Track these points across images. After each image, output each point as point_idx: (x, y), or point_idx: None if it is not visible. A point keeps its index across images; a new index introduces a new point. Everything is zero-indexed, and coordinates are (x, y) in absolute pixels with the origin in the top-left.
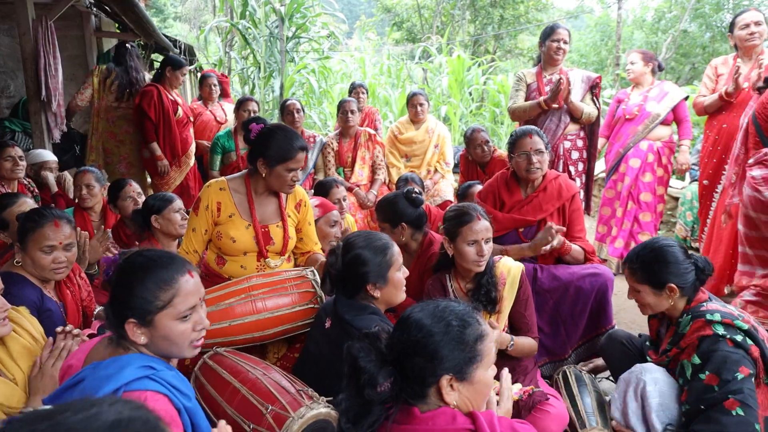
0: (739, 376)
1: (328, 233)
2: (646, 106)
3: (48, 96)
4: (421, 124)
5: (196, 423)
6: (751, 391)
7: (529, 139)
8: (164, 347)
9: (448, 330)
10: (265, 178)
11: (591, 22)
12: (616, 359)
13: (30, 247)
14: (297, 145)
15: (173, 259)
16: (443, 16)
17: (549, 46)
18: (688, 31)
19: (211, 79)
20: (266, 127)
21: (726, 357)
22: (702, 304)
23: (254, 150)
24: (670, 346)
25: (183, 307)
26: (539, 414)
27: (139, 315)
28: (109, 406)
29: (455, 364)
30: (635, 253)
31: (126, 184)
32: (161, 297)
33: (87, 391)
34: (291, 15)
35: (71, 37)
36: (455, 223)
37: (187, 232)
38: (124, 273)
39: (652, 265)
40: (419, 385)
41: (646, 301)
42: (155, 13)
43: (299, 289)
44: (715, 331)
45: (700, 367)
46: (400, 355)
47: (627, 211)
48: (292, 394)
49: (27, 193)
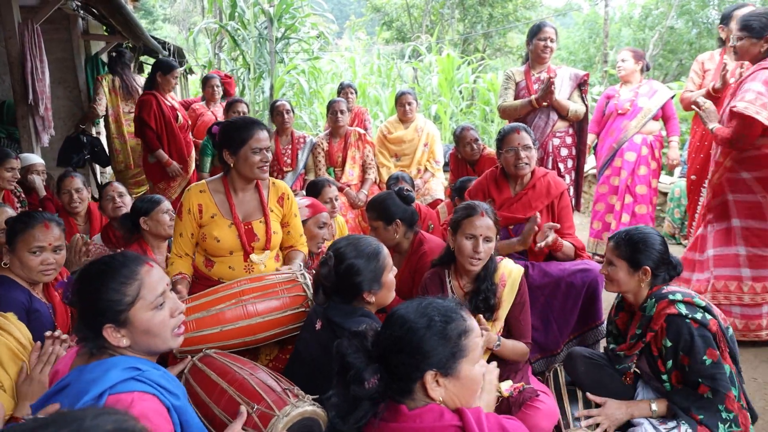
0: (707, 361)
1: (317, 234)
2: (638, 102)
3: (35, 99)
4: (410, 123)
5: (186, 421)
6: (721, 374)
7: (516, 135)
8: (147, 342)
9: (430, 325)
10: (235, 169)
11: (579, 20)
12: (583, 372)
13: (19, 248)
14: (254, 126)
15: (127, 256)
16: (432, 15)
17: (536, 45)
18: (675, 28)
19: (214, 80)
20: (223, 122)
21: (693, 342)
22: (662, 288)
23: (219, 146)
24: (639, 329)
25: (152, 296)
26: (529, 410)
27: (113, 317)
28: (93, 419)
29: (439, 359)
30: (626, 231)
31: (108, 184)
32: (128, 292)
33: (72, 395)
34: (280, 16)
35: (58, 40)
36: (460, 215)
37: (175, 238)
38: (84, 284)
39: (638, 244)
40: (405, 381)
41: (617, 277)
42: (144, 15)
43: (290, 293)
44: (679, 310)
45: (674, 349)
46: (386, 351)
47: (625, 205)
48: (277, 392)
49: (14, 198)
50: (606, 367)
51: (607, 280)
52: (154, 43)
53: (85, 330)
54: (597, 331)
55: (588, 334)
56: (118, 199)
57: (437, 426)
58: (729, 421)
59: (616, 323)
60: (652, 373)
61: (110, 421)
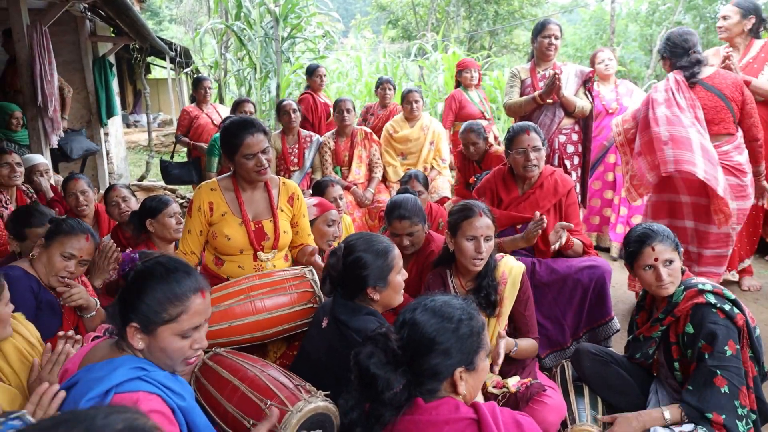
0: (728, 352)
1: (326, 232)
2: (622, 101)
3: (44, 101)
4: (416, 122)
5: (192, 422)
6: (738, 368)
7: (526, 136)
8: (158, 358)
9: (459, 326)
10: (236, 172)
11: (585, 16)
12: (588, 368)
13: (53, 247)
14: (245, 131)
15: (190, 275)
16: (438, 13)
17: (540, 43)
18: (682, 23)
19: (206, 81)
20: (223, 125)
21: (716, 331)
22: (692, 278)
23: (223, 150)
24: (663, 315)
25: (187, 326)
26: (537, 405)
27: (143, 322)
28: (104, 418)
29: (467, 355)
30: (656, 228)
31: (110, 189)
32: (169, 311)
33: (79, 393)
34: (286, 15)
35: (66, 42)
36: (458, 217)
37: (183, 234)
38: (140, 278)
39: (669, 235)
40: (433, 382)
41: (676, 266)
42: (150, 16)
43: (298, 289)
44: (707, 299)
45: (694, 337)
46: (414, 355)
47: (623, 198)
48: (290, 389)
49: (26, 199)
50: (612, 364)
51: (667, 278)
52: (161, 44)
53: (116, 314)
54: (607, 328)
55: (598, 330)
56: (123, 204)
57: (452, 418)
58: (744, 417)
59: (637, 322)
60: (665, 361)
61: (120, 419)
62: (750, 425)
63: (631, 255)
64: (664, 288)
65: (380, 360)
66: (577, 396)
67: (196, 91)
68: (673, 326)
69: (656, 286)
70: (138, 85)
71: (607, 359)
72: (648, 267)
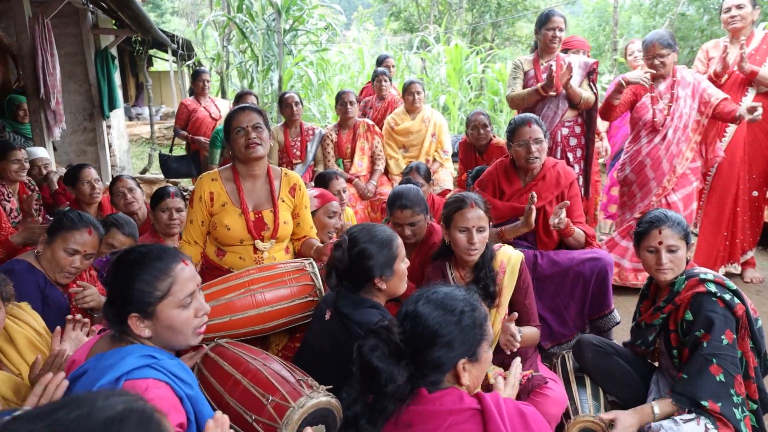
0: (724, 341)
1: (327, 224)
2: None
3: (47, 94)
4: (417, 114)
5: (199, 411)
6: (733, 358)
7: (527, 128)
8: (169, 337)
9: (462, 317)
10: (235, 158)
11: (588, 8)
12: (590, 359)
13: (56, 243)
14: (239, 110)
15: (165, 250)
16: (440, 5)
17: (544, 35)
18: (686, 15)
19: (205, 74)
20: None
21: (714, 319)
22: (694, 268)
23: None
24: (664, 303)
25: (182, 294)
26: (538, 397)
27: (140, 308)
28: (104, 400)
29: (470, 346)
30: (670, 215)
31: (117, 180)
32: (159, 287)
33: (89, 381)
34: (288, 7)
35: (68, 35)
36: (450, 209)
37: (186, 224)
38: (120, 270)
39: (681, 223)
40: (436, 374)
41: (680, 255)
42: (153, 8)
43: (298, 282)
44: (708, 288)
45: (692, 324)
46: (417, 348)
47: None
48: (291, 384)
49: (27, 191)
50: (613, 356)
51: (669, 263)
52: (163, 37)
53: (112, 314)
54: (608, 319)
55: (599, 322)
56: (128, 194)
57: (456, 408)
58: (740, 405)
59: (641, 310)
60: (665, 349)
61: (121, 402)
62: (745, 413)
63: (638, 235)
64: (662, 272)
65: (383, 353)
66: (579, 387)
67: (194, 84)
68: (673, 314)
69: (655, 269)
70: (140, 78)
71: (609, 350)
72: (651, 249)
